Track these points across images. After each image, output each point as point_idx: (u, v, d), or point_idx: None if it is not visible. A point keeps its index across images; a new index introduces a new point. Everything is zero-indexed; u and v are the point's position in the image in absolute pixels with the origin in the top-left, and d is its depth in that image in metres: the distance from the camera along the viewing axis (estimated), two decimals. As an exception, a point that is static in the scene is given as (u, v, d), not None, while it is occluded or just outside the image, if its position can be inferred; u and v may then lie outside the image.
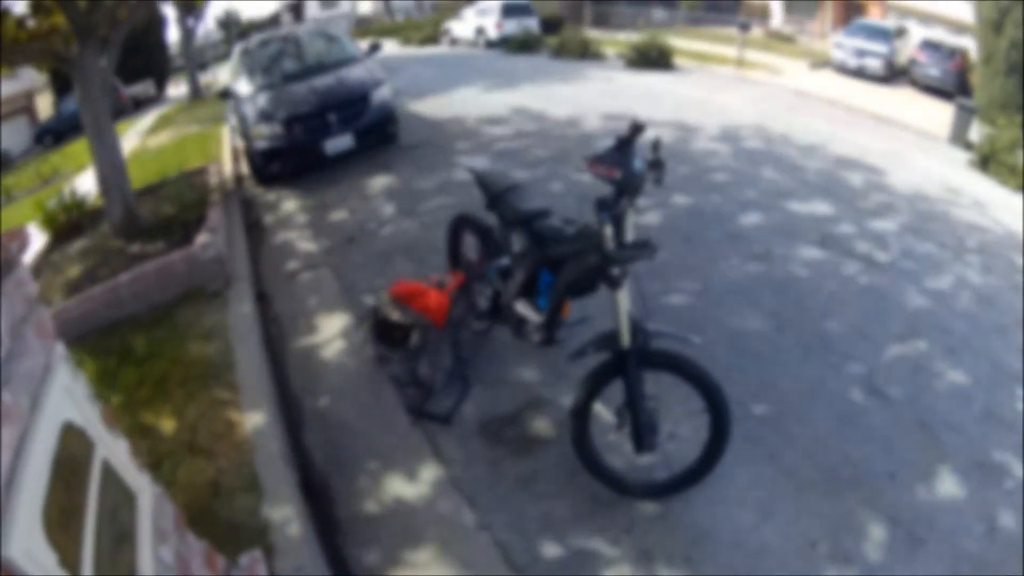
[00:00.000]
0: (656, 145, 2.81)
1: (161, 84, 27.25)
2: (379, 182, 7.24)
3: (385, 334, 3.80)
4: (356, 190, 7.08)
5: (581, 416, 2.87)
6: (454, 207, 5.80)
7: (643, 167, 2.72)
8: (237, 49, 9.03)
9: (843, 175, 7.66)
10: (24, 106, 27.46)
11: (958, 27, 17.98)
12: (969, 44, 15.69)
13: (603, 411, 3.17)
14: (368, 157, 7.83)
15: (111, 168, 5.81)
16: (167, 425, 3.51)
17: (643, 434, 2.84)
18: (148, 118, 17.68)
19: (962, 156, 10.56)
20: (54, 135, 23.83)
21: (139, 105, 23.68)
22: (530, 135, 8.67)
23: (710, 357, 3.79)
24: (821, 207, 6.41)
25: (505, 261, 3.71)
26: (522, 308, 3.45)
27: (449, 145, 8.31)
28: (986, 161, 9.62)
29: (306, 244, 5.96)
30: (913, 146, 10.59)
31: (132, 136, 14.63)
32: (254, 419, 3.46)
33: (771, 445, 3.36)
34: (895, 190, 7.40)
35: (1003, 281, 5.63)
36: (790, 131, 9.40)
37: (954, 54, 16.61)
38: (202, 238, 5.07)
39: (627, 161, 2.66)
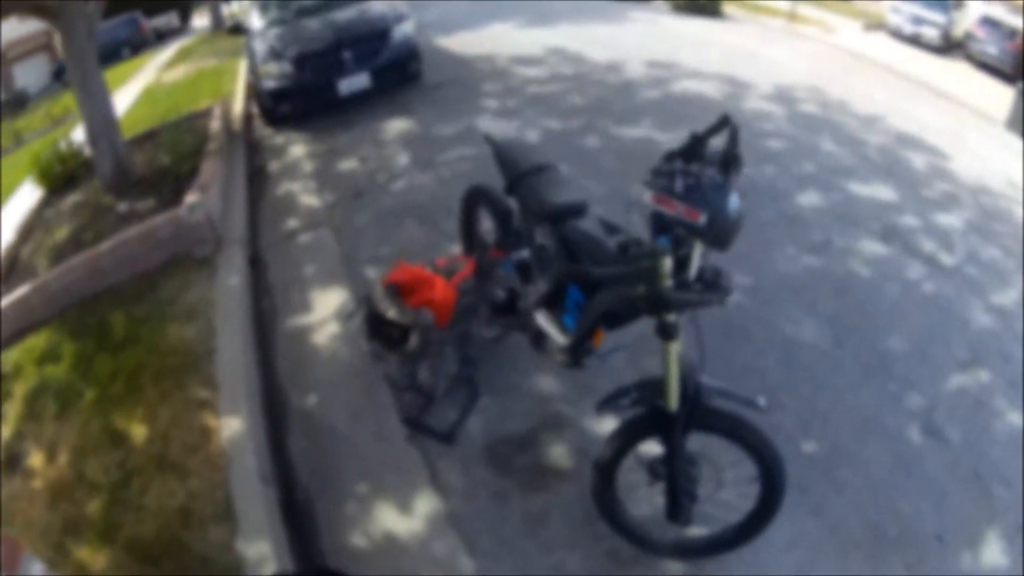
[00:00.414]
0: (733, 136, 2.04)
1: (186, 16, 26.07)
2: (396, 126, 6.51)
3: (380, 331, 3.19)
4: (370, 135, 6.38)
5: (607, 472, 2.31)
6: (475, 160, 5.17)
7: (739, 208, 1.97)
8: None
9: (905, 155, 6.89)
10: (44, 44, 25.91)
11: (1018, 6, 16.68)
12: (1030, 25, 14.61)
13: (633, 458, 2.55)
14: (387, 97, 7.08)
15: (99, 120, 5.23)
16: (138, 432, 3.04)
17: (680, 503, 2.27)
18: (168, 51, 16.97)
19: (1020, 145, 9.74)
20: (73, 71, 22.88)
21: (161, 37, 23.05)
22: (566, 79, 7.85)
23: (759, 372, 3.46)
24: (883, 191, 5.71)
25: (525, 255, 3.02)
26: (543, 322, 2.78)
27: (477, 86, 7.52)
28: None
29: (310, 198, 5.32)
30: (972, 128, 9.69)
31: (150, 70, 14.18)
32: (232, 425, 2.94)
33: (818, 494, 2.88)
34: (958, 178, 6.66)
35: None
36: (847, 97, 8.49)
37: (1014, 34, 15.41)
38: (190, 197, 4.52)
39: (717, 199, 1.90)
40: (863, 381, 3.55)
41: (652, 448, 2.36)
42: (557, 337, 2.69)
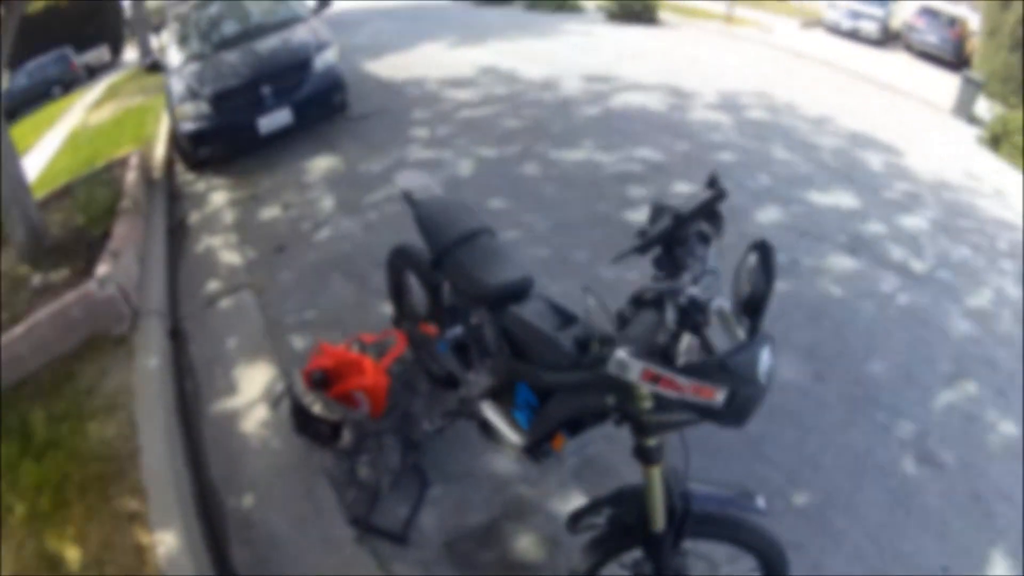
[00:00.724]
0: (713, 181, 1.88)
1: (116, 49, 25.40)
2: (320, 165, 6.35)
3: (308, 426, 2.98)
4: (293, 176, 6.20)
5: None
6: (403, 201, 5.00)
7: (772, 366, 1.57)
8: (171, 12, 7.93)
9: (861, 156, 7.12)
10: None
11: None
12: (966, 13, 15.96)
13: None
14: (311, 133, 6.91)
15: (9, 185, 4.85)
16: (72, 555, 2.76)
17: None
18: (97, 89, 16.42)
19: (969, 132, 10.35)
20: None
21: (93, 73, 22.39)
22: (500, 100, 7.83)
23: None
24: (844, 198, 5.84)
25: (459, 332, 2.73)
26: (491, 415, 2.49)
27: (406, 114, 7.42)
28: (997, 140, 9.56)
29: (230, 254, 5.10)
30: (922, 119, 10.21)
31: (78, 110, 13.77)
32: (167, 541, 2.69)
33: (816, 549, 2.82)
34: (917, 176, 6.91)
35: None
36: (794, 99, 8.76)
37: (954, 23, 16.46)
38: (101, 269, 4.24)
39: (743, 363, 1.49)
40: (850, 416, 3.54)
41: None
42: (509, 435, 2.40)
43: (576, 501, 2.79)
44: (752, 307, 1.57)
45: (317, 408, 2.88)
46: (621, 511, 1.97)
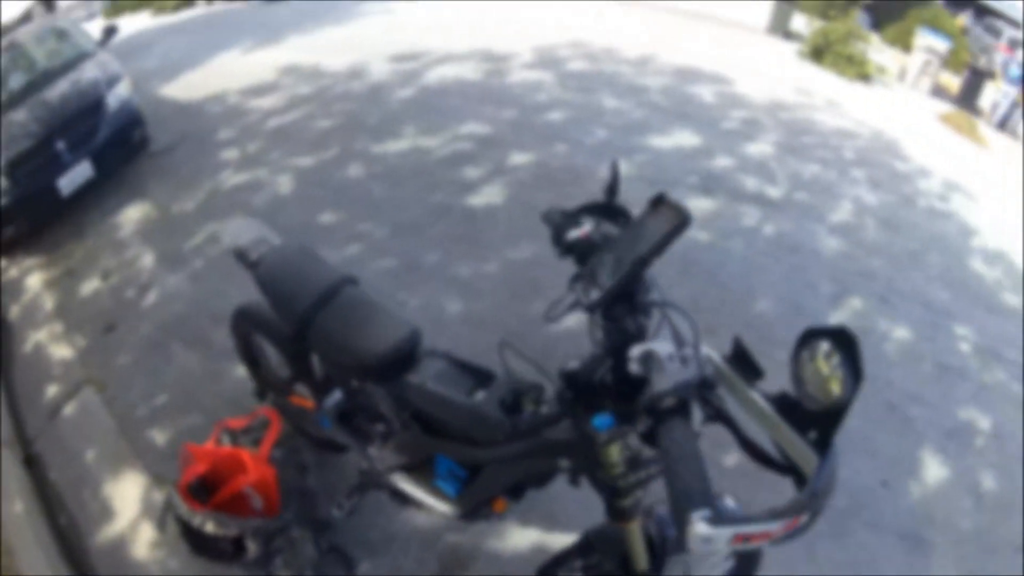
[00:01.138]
0: (614, 170, 1.80)
1: None
2: (131, 217, 5.75)
3: (205, 546, 2.63)
4: (105, 237, 5.56)
5: None
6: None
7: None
8: None
9: (691, 91, 7.48)
10: None
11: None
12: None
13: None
14: (116, 180, 6.26)
15: None
16: None
17: None
18: None
19: (789, 48, 11.23)
20: None
21: None
22: (307, 100, 7.48)
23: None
24: (685, 138, 6.07)
25: (340, 399, 2.41)
26: (411, 489, 2.22)
27: (211, 137, 6.90)
28: (819, 52, 10.40)
29: (59, 348, 4.48)
30: (740, 43, 10.86)
31: None
32: None
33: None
34: (751, 101, 7.37)
35: (893, 195, 5.87)
36: (611, 43, 9.09)
37: None
38: None
39: (829, 481, 1.26)
40: None
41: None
42: (436, 506, 2.17)
43: (514, 536, 2.71)
44: (829, 417, 1.27)
45: (210, 527, 2.54)
46: (596, 560, 1.87)
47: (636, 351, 1.44)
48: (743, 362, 1.43)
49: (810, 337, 1.29)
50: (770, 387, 1.36)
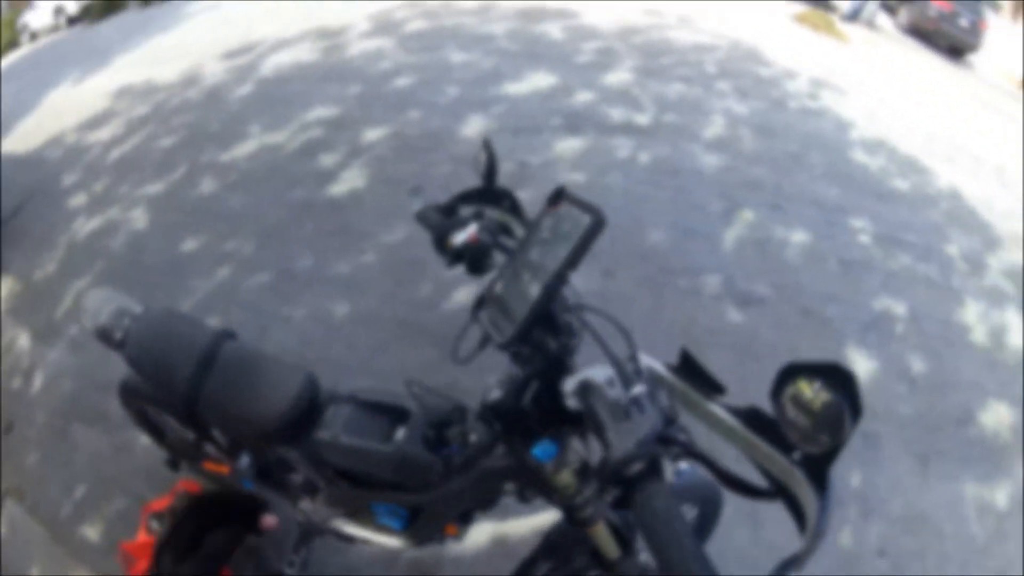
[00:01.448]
0: (487, 149, 1.67)
1: None
2: None
3: None
4: None
5: None
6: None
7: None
8: None
9: (538, 31, 7.18)
10: None
11: None
12: None
13: None
14: None
15: None
16: None
17: None
18: None
19: None
20: None
21: None
22: (145, 121, 6.86)
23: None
24: (541, 79, 5.81)
25: (248, 461, 2.09)
26: (355, 531, 1.99)
27: (56, 186, 6.19)
28: None
29: None
30: None
31: None
32: None
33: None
34: (601, 31, 7.16)
35: (763, 102, 5.81)
36: None
37: None
38: None
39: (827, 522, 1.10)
40: (657, 297, 3.53)
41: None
42: (385, 542, 1.96)
43: (473, 533, 2.46)
44: (822, 459, 1.10)
45: None
46: (564, 558, 1.72)
47: (570, 384, 1.25)
48: (694, 375, 1.27)
49: (793, 374, 1.07)
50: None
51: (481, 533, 2.51)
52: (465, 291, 3.42)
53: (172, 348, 1.98)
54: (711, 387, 1.24)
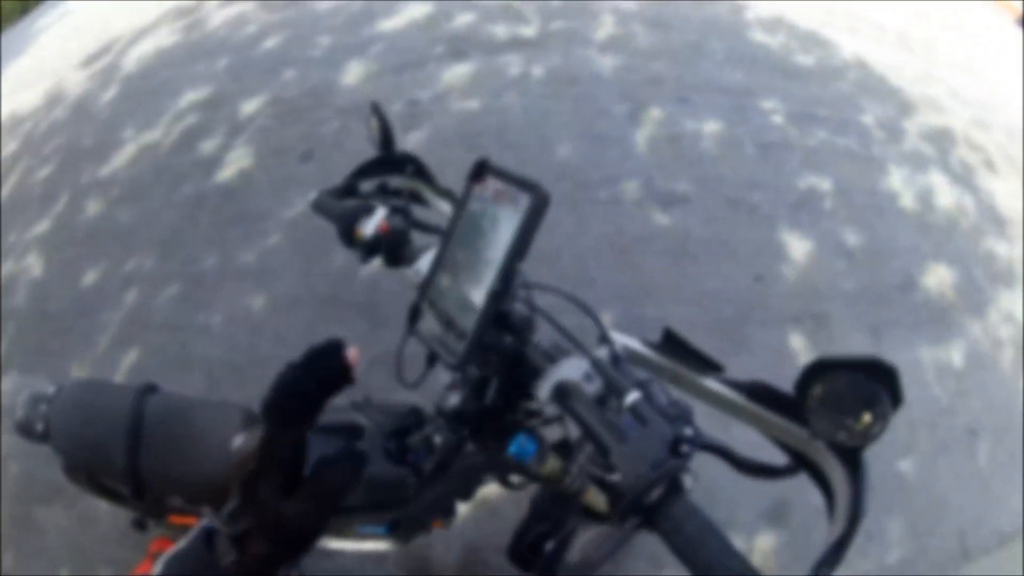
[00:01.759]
0: (377, 114, 1.56)
1: None
2: None
3: None
4: None
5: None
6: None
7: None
8: None
9: None
10: None
11: None
12: None
13: None
14: None
15: None
16: None
17: None
18: None
19: None
20: None
21: None
22: (18, 156, 6.13)
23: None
24: (418, 8, 5.44)
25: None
26: (338, 546, 1.88)
27: None
28: None
29: None
30: None
31: None
32: None
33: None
34: None
35: None
36: None
37: None
38: None
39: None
40: (580, 217, 3.39)
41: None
42: (374, 548, 1.84)
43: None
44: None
45: None
46: (556, 522, 1.54)
47: (544, 390, 1.09)
48: (683, 353, 1.16)
49: (823, 370, 0.94)
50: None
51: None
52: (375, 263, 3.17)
53: (96, 425, 1.78)
54: (705, 365, 1.13)
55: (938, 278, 3.44)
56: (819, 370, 0.93)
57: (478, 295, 1.04)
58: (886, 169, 3.89)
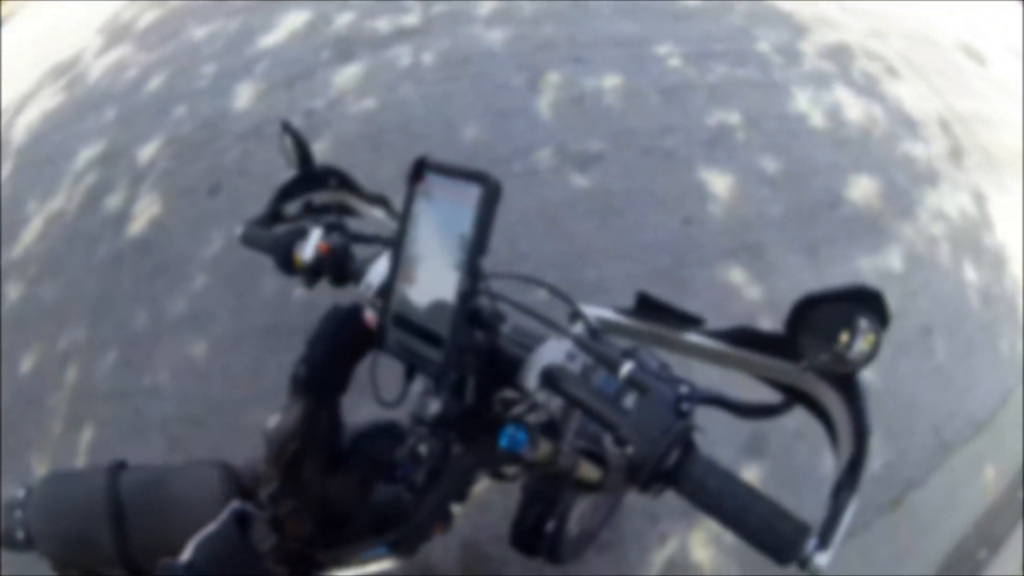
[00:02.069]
0: (289, 131, 1.53)
1: None
2: None
3: None
4: None
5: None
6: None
7: None
8: None
9: None
10: None
11: None
12: None
13: None
14: None
15: None
16: None
17: None
18: None
19: None
20: None
21: None
22: None
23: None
24: (296, 18, 5.26)
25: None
26: (343, 573, 1.80)
27: None
28: None
29: None
30: None
31: None
32: None
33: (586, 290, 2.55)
34: None
35: None
36: None
37: None
38: None
39: None
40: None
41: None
42: (380, 568, 1.75)
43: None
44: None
45: None
46: (551, 500, 1.63)
47: (531, 380, 1.09)
48: (660, 313, 1.16)
49: (811, 305, 0.95)
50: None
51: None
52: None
53: (76, 517, 1.69)
54: (685, 320, 1.13)
55: (862, 189, 3.45)
56: (805, 306, 0.93)
57: (446, 297, 1.02)
58: (790, 92, 3.88)
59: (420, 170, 1.05)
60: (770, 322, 2.62)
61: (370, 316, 1.13)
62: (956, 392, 2.91)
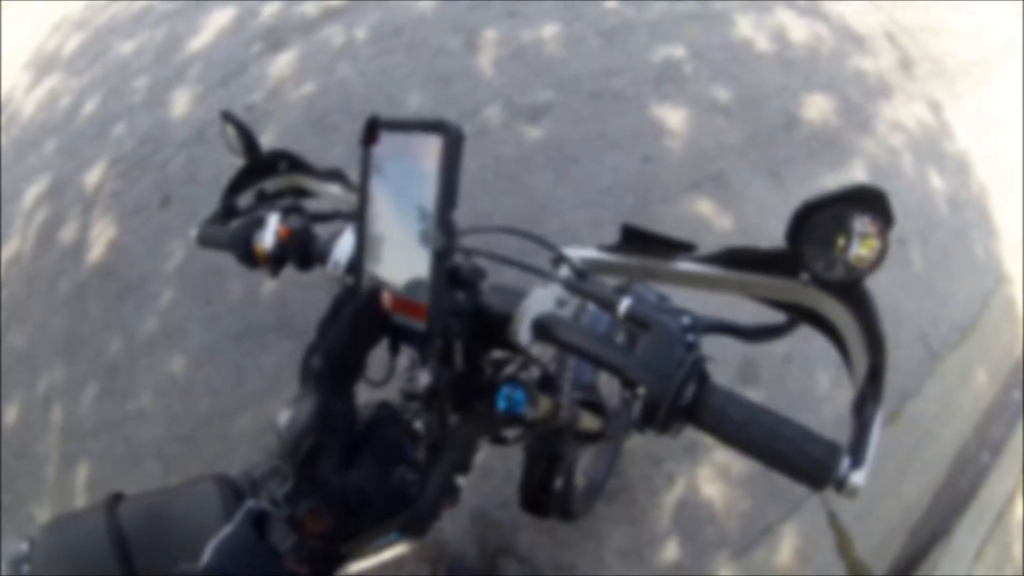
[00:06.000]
0: (233, 122, 1.40)
1: None
2: None
3: None
4: None
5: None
6: None
7: None
8: None
9: None
10: None
11: None
12: None
13: None
14: None
15: None
16: None
17: None
18: None
19: None
20: None
21: None
22: None
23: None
24: (221, 17, 5.06)
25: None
26: (360, 567, 1.79)
27: None
28: None
29: None
30: None
31: None
32: None
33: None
34: None
35: None
36: None
37: None
38: None
39: None
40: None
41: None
42: (395, 552, 1.74)
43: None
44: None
45: None
46: (553, 457, 1.73)
47: (523, 334, 1.00)
48: (648, 244, 1.06)
49: (813, 210, 0.84)
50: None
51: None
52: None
53: (82, 559, 1.53)
54: (675, 248, 1.04)
55: (816, 108, 3.35)
56: (804, 215, 0.83)
57: (421, 261, 0.95)
58: (732, 20, 3.75)
59: (373, 130, 0.96)
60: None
61: (387, 296, 1.02)
62: (937, 300, 2.84)
